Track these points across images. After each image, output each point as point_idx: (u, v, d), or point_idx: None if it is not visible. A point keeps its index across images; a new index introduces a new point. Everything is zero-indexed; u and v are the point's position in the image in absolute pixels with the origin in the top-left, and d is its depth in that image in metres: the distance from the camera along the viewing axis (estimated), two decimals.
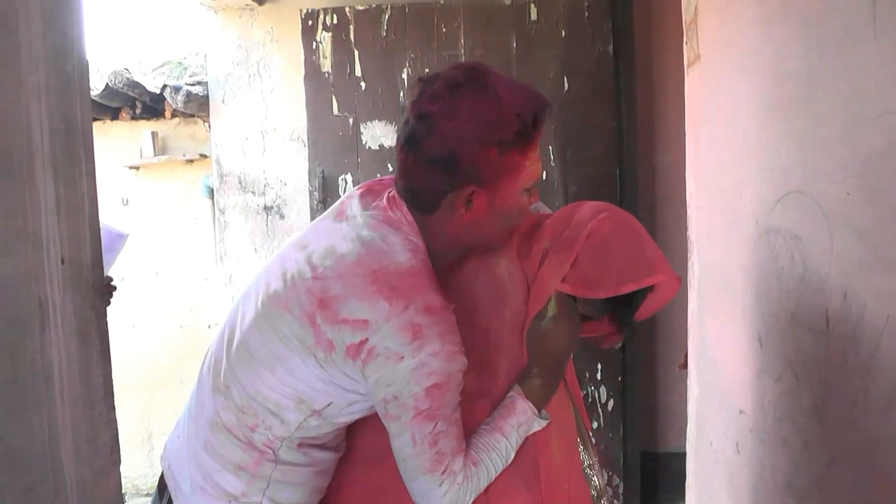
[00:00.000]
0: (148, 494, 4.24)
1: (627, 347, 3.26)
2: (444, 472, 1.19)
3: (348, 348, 1.16)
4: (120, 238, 2.68)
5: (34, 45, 1.32)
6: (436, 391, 1.15)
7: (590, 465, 1.51)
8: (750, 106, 1.70)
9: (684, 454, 2.40)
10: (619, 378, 3.26)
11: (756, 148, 1.68)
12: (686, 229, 2.33)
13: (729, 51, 1.87)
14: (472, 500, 1.24)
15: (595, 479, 1.52)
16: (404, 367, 1.14)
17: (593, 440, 1.56)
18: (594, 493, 1.51)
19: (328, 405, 1.23)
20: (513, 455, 1.28)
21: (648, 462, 3.39)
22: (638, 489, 3.33)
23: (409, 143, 1.20)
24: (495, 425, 1.27)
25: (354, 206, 1.29)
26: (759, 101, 1.65)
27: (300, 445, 1.26)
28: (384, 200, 1.27)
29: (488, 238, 1.30)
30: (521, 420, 1.28)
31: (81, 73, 1.51)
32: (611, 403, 3.27)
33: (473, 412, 1.28)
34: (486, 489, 1.27)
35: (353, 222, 1.26)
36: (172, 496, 1.36)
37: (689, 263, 2.29)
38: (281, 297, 1.22)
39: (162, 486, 1.42)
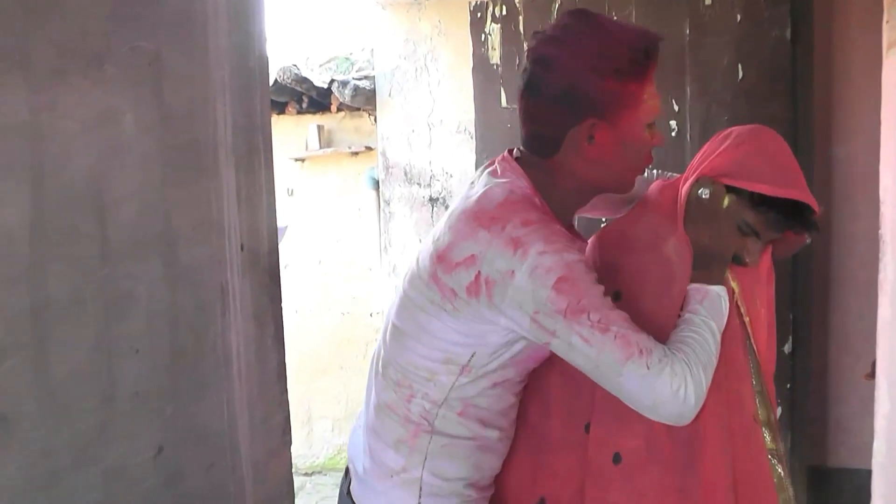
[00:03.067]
0: (306, 474, 4.44)
1: (798, 353, 3.05)
2: (641, 351, 1.12)
3: (468, 288, 1.16)
4: (280, 231, 2.80)
5: (220, 43, 1.38)
6: (564, 284, 1.12)
7: (773, 450, 1.37)
8: None
9: (859, 471, 2.23)
10: (788, 385, 3.06)
11: None
12: (870, 228, 2.15)
13: None
14: (705, 376, 1.15)
15: (778, 468, 1.38)
16: (521, 279, 1.13)
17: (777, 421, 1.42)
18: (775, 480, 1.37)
19: (472, 356, 1.23)
20: (713, 326, 1.21)
21: (816, 478, 3.20)
22: None
23: (528, 87, 1.23)
24: (684, 315, 1.22)
25: (481, 174, 1.33)
26: None
27: (460, 413, 1.26)
28: (498, 157, 1.31)
29: (615, 176, 1.28)
30: (698, 297, 1.23)
31: (262, 68, 1.57)
32: (778, 412, 3.07)
33: None
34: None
35: (472, 186, 1.30)
36: (352, 478, 1.40)
37: (881, 265, 2.11)
38: (413, 274, 1.26)
39: (348, 471, 1.47)
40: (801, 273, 2.94)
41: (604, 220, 1.65)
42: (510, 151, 1.31)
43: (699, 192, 1.28)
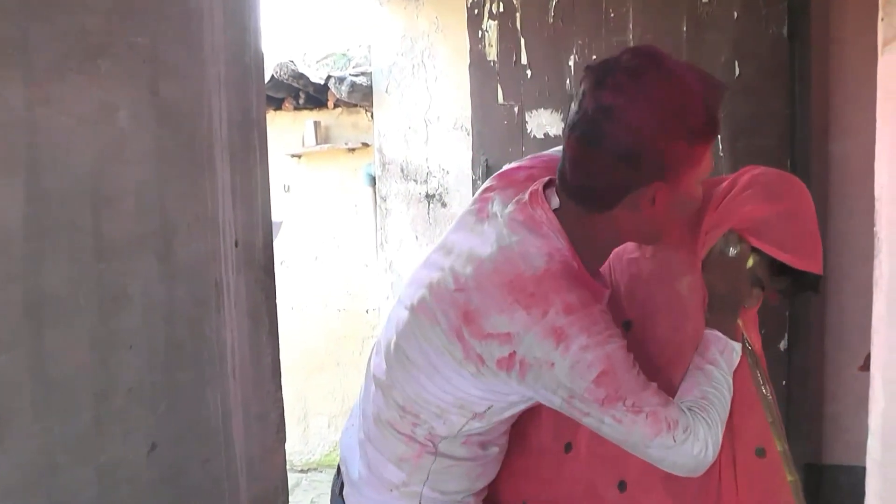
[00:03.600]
0: (302, 471, 4.44)
1: (794, 350, 3.06)
2: (669, 427, 1.13)
3: (499, 362, 1.13)
4: (275, 226, 2.80)
5: (216, 38, 1.38)
6: (604, 378, 1.10)
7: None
8: None
9: (853, 468, 2.24)
10: (784, 382, 3.07)
11: None
12: (866, 224, 2.15)
13: None
14: (721, 430, 1.18)
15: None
16: (560, 371, 1.10)
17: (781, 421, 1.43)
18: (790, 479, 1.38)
19: (489, 408, 1.21)
20: (730, 380, 1.22)
21: (812, 475, 3.20)
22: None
23: (589, 139, 1.10)
24: (698, 363, 1.22)
25: (496, 204, 1.23)
26: None
27: (464, 442, 1.26)
28: (527, 196, 1.20)
29: (660, 231, 1.23)
30: (720, 347, 1.23)
31: (258, 64, 1.56)
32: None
33: None
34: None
35: (493, 223, 1.21)
36: (344, 480, 1.39)
37: (876, 263, 2.11)
38: (429, 307, 1.19)
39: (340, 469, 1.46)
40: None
41: None
42: (543, 186, 1.21)
43: (727, 247, 1.26)
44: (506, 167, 1.36)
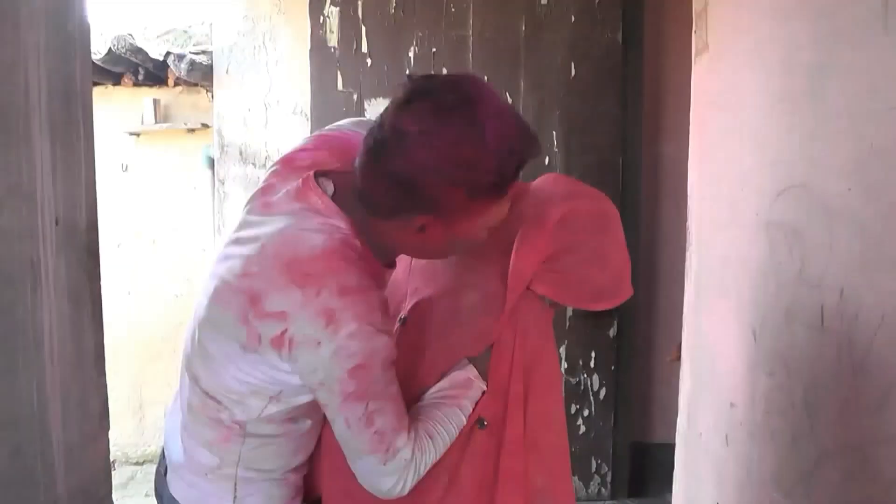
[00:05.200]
0: (137, 463, 4.26)
1: (622, 336, 3.26)
2: (386, 452, 1.16)
3: (273, 340, 1.14)
4: None
5: (34, 2, 1.30)
6: (360, 372, 1.13)
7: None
8: (757, 98, 1.69)
9: (674, 446, 2.40)
10: (613, 367, 3.26)
11: (761, 141, 1.66)
12: (686, 221, 2.32)
13: (739, 42, 1.85)
14: (426, 469, 1.21)
15: None
16: (323, 353, 1.12)
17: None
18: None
19: (280, 392, 1.22)
20: (464, 422, 1.26)
21: (639, 453, 3.40)
22: (626, 479, 3.34)
23: (376, 153, 1.12)
24: (455, 401, 1.25)
25: (280, 192, 1.24)
26: (766, 94, 1.64)
27: (270, 421, 1.26)
28: (300, 183, 1.22)
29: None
30: (474, 396, 1.26)
31: (83, 34, 1.48)
32: (603, 392, 3.27)
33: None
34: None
35: (276, 210, 1.22)
36: (167, 464, 1.37)
37: (688, 255, 2.29)
38: (221, 297, 1.21)
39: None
40: None
41: None
42: (316, 175, 1.23)
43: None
44: (289, 151, 1.35)
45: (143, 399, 4.27)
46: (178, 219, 4.14)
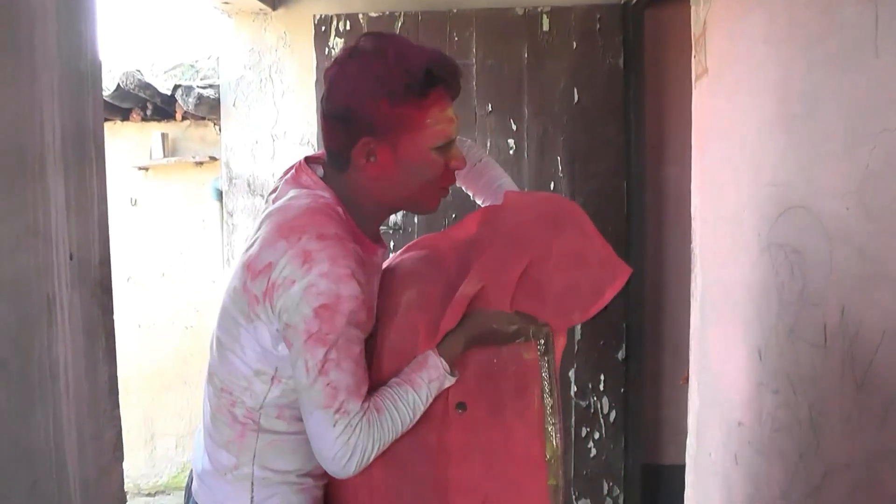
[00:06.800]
0: (149, 494, 4.25)
1: (631, 359, 3.26)
2: (337, 411, 1.19)
3: (263, 293, 1.21)
4: None
5: (48, 43, 1.33)
6: (324, 312, 1.17)
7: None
8: (754, 121, 1.71)
9: (685, 467, 2.40)
10: (622, 389, 3.25)
11: (760, 163, 1.69)
12: (691, 244, 2.34)
13: (735, 66, 1.88)
14: (375, 450, 1.23)
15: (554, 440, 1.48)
16: (296, 290, 1.17)
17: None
18: (548, 455, 1.47)
19: (276, 370, 1.27)
20: (421, 411, 1.27)
21: (650, 475, 3.38)
22: (638, 501, 3.32)
23: (322, 108, 1.30)
24: (405, 378, 1.27)
25: (280, 184, 1.39)
26: (763, 117, 1.66)
27: (278, 415, 1.31)
28: (293, 170, 1.37)
29: (406, 196, 1.33)
30: (432, 375, 1.28)
31: (94, 72, 1.51)
32: (613, 414, 3.27)
33: None
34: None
35: (278, 197, 1.35)
36: (193, 475, 1.43)
37: (693, 276, 2.30)
38: (231, 279, 1.30)
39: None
40: (633, 284, 3.08)
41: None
42: (307, 160, 1.37)
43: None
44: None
45: (155, 431, 4.28)
46: (188, 251, 4.17)
